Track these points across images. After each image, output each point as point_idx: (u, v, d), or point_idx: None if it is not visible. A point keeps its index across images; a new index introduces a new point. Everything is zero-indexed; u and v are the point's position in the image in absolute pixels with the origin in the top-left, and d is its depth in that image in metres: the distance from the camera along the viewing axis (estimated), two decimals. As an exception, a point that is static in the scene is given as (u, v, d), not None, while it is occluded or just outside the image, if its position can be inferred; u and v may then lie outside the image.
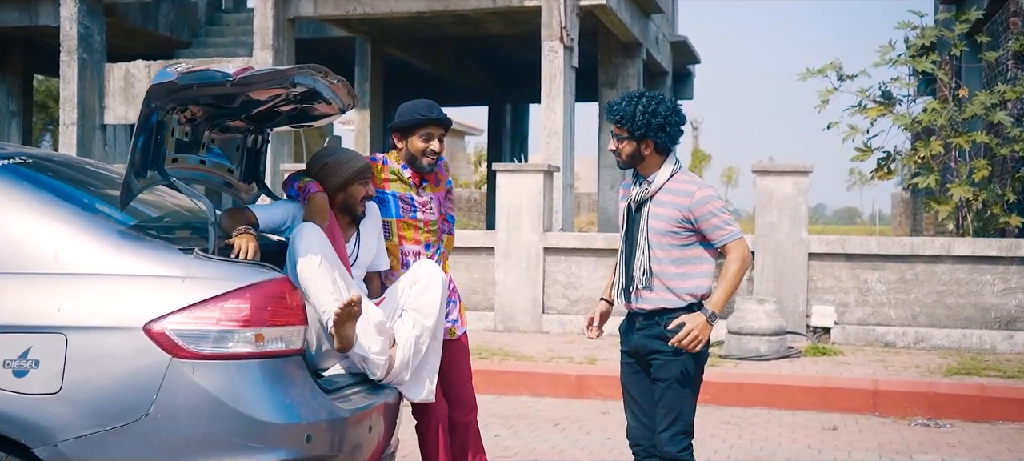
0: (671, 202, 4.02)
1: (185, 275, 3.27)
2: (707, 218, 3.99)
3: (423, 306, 4.03)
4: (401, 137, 4.43)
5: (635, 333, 4.16)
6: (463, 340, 4.63)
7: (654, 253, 4.04)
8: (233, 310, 3.25)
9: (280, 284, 3.37)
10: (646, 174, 4.11)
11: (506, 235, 10.66)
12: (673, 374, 4.05)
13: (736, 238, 4.02)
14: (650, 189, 4.07)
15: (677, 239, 4.02)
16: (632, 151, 4.07)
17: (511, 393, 8.20)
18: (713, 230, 4.00)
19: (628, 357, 4.25)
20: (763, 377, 8.04)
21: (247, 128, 4.39)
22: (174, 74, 3.42)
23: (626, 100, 4.09)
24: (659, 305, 4.06)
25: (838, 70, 11.67)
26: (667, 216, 4.02)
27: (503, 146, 23.98)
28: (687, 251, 4.04)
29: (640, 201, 4.10)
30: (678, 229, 4.01)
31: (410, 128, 4.40)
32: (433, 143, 4.41)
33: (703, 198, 4.00)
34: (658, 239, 4.04)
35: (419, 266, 4.12)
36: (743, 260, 3.99)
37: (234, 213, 3.92)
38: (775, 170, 9.95)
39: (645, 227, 4.06)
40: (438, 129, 4.43)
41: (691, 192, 4.00)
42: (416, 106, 4.42)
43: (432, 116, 4.39)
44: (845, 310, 9.77)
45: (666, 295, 4.05)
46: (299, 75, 3.71)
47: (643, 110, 4.02)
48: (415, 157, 4.41)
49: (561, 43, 12.67)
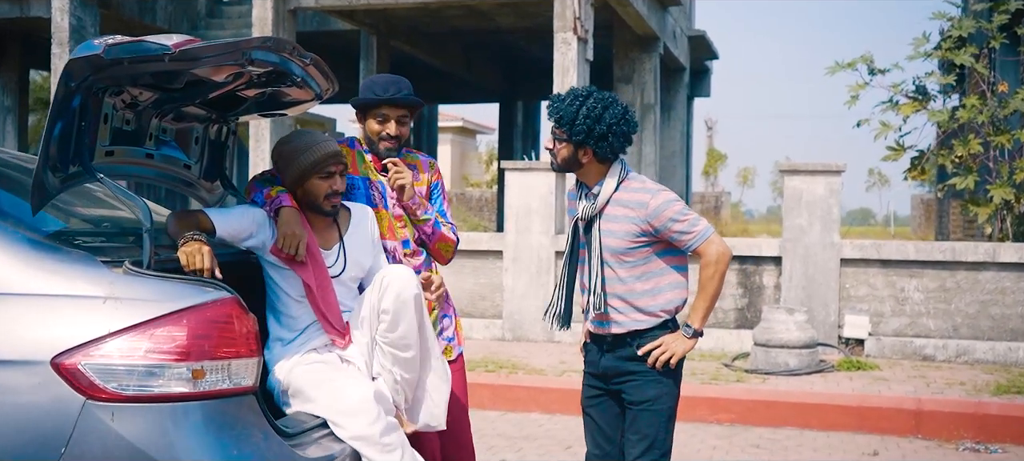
0: (624, 215, 3.60)
1: (106, 296, 2.62)
2: (668, 226, 3.57)
3: (394, 340, 3.38)
4: (360, 117, 3.88)
5: (603, 355, 3.75)
6: (459, 363, 3.98)
7: (615, 273, 3.63)
8: (165, 339, 2.60)
9: (226, 306, 2.71)
10: (589, 184, 3.68)
11: (515, 238, 10.01)
12: (648, 396, 3.65)
13: (706, 238, 3.59)
14: (597, 203, 3.58)
15: (639, 255, 3.62)
16: (569, 156, 3.64)
17: (519, 409, 7.59)
18: (679, 236, 3.59)
19: (594, 379, 3.82)
20: (794, 394, 7.39)
21: (207, 116, 3.74)
22: (100, 46, 2.77)
23: (570, 97, 3.60)
24: (630, 328, 3.66)
25: (869, 64, 11.02)
26: (623, 232, 3.61)
27: (514, 144, 23.34)
28: (652, 264, 3.63)
29: (589, 218, 3.62)
30: (636, 243, 3.60)
31: (365, 108, 3.82)
32: (389, 126, 3.81)
33: (659, 206, 3.57)
34: (617, 258, 3.62)
35: (383, 275, 3.44)
36: (719, 260, 3.60)
37: (183, 217, 3.28)
38: (805, 170, 9.30)
39: (598, 247, 3.63)
40: (395, 111, 3.80)
41: (644, 202, 3.57)
42: (372, 83, 3.83)
43: (385, 96, 3.77)
44: (880, 320, 9.08)
45: (636, 316, 3.65)
46: (259, 50, 3.06)
47: (586, 113, 3.54)
48: (372, 141, 3.84)
49: (575, 34, 12.00)
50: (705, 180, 52.78)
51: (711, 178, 54.18)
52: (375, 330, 3.42)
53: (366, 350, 3.43)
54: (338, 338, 3.42)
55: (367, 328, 3.43)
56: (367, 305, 3.43)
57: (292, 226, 3.39)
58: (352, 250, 3.58)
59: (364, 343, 3.43)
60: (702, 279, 3.61)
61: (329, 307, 3.41)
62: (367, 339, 3.43)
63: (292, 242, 3.36)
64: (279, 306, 3.50)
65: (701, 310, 3.62)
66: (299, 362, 3.36)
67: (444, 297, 3.95)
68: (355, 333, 3.45)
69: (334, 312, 3.42)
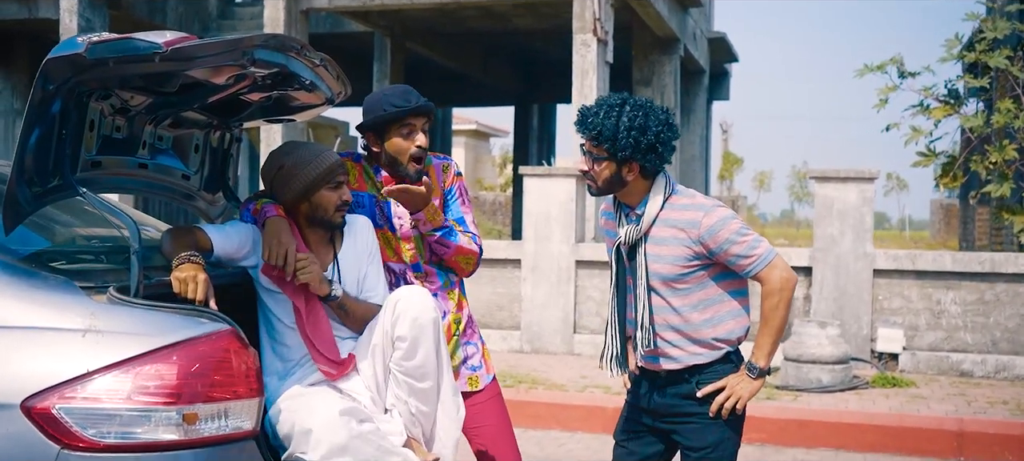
0: (674, 237, 3.18)
1: (86, 328, 2.30)
2: (726, 247, 3.15)
3: (412, 370, 3.05)
4: (376, 139, 3.44)
5: (656, 392, 3.34)
6: (490, 391, 3.61)
7: (667, 302, 3.23)
8: (152, 378, 2.28)
9: (223, 340, 2.39)
10: (631, 203, 3.25)
11: (534, 246, 9.67)
12: (709, 442, 3.26)
13: (768, 262, 3.17)
14: (642, 225, 3.16)
15: (692, 280, 3.20)
16: (611, 176, 3.19)
17: (539, 426, 7.26)
18: (737, 260, 3.16)
19: (639, 413, 3.41)
20: (829, 413, 7.04)
21: (208, 122, 3.42)
22: (83, 44, 2.45)
23: (604, 108, 3.15)
24: (687, 363, 3.26)
25: (899, 66, 10.64)
26: (673, 256, 3.19)
27: (529, 148, 23.03)
28: (709, 290, 3.23)
29: (633, 243, 3.20)
30: (689, 268, 3.19)
31: (386, 125, 3.39)
32: (418, 138, 3.41)
33: (714, 225, 3.15)
34: (668, 286, 3.22)
35: (396, 299, 3.10)
36: (784, 287, 3.18)
37: (180, 234, 2.96)
38: (837, 177, 8.94)
39: (645, 275, 3.21)
40: (420, 120, 3.42)
41: (696, 221, 3.16)
42: (387, 95, 3.41)
43: (411, 105, 3.37)
44: (915, 334, 8.71)
45: (694, 349, 3.25)
46: (262, 49, 2.73)
47: (628, 124, 3.09)
48: (398, 162, 3.41)
49: (594, 35, 11.66)
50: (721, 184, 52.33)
51: (727, 182, 53.75)
52: (389, 358, 3.10)
53: (375, 382, 3.10)
54: (329, 369, 3.08)
55: (380, 357, 3.10)
56: (379, 331, 3.10)
57: (278, 235, 3.06)
58: (348, 269, 3.25)
59: (371, 374, 3.10)
60: (765, 310, 3.20)
61: (319, 334, 3.08)
62: (377, 369, 3.10)
63: (278, 251, 3.03)
64: (274, 334, 3.17)
65: (767, 345, 3.20)
66: (287, 398, 3.03)
67: (467, 322, 3.60)
68: (363, 363, 3.12)
69: (325, 339, 3.09)
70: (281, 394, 3.11)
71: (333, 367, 3.06)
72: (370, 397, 3.11)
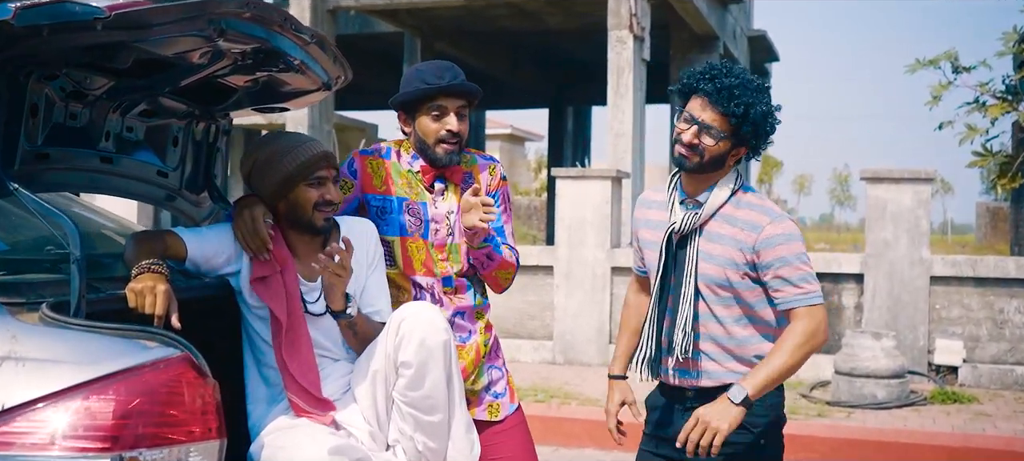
0: (731, 237, 2.77)
1: (4, 354, 1.86)
2: (777, 266, 2.72)
3: (418, 401, 2.59)
4: (407, 118, 3.02)
5: (684, 414, 2.84)
6: (513, 420, 3.14)
7: (710, 310, 2.80)
8: (84, 418, 1.84)
9: (174, 368, 1.94)
10: (695, 191, 2.84)
11: (567, 251, 9.19)
12: None
13: (815, 303, 2.73)
14: (702, 213, 2.78)
15: (739, 292, 2.78)
16: (720, 154, 2.76)
17: (572, 444, 6.81)
18: (782, 285, 2.73)
19: (661, 445, 2.95)
20: (886, 432, 6.52)
21: (189, 111, 2.99)
22: (11, 9, 2.01)
23: (743, 82, 2.69)
24: (723, 380, 2.80)
25: (953, 60, 10.08)
26: (724, 258, 2.77)
27: (564, 151, 22.59)
28: (758, 309, 2.81)
29: (686, 233, 2.75)
30: (740, 277, 2.77)
31: (415, 103, 2.98)
32: (448, 120, 2.97)
33: (775, 236, 2.73)
34: (713, 291, 2.79)
35: (401, 318, 2.65)
36: (816, 335, 2.70)
37: (146, 239, 2.53)
38: (890, 177, 8.40)
39: (693, 273, 2.78)
40: (454, 102, 2.97)
41: (759, 224, 2.74)
42: (419, 72, 2.99)
43: (442, 83, 2.94)
44: (975, 345, 8.13)
45: (733, 365, 2.81)
46: (233, 18, 2.28)
47: (767, 109, 2.72)
48: (425, 144, 2.98)
49: (630, 32, 11.17)
50: (760, 187, 51.64)
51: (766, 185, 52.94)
52: (392, 386, 2.64)
53: (375, 413, 2.65)
54: (302, 405, 2.63)
55: (381, 384, 2.65)
56: (380, 354, 2.65)
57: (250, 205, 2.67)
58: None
59: (370, 404, 2.65)
60: (787, 345, 2.69)
61: (298, 358, 2.63)
62: (378, 398, 2.64)
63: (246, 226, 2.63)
64: (259, 355, 2.74)
65: (766, 379, 2.67)
66: (272, 431, 2.59)
67: (494, 344, 3.14)
68: (361, 390, 2.66)
69: (304, 365, 2.64)
70: (266, 425, 2.68)
71: (308, 403, 2.61)
72: (368, 431, 2.66)
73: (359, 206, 3.04)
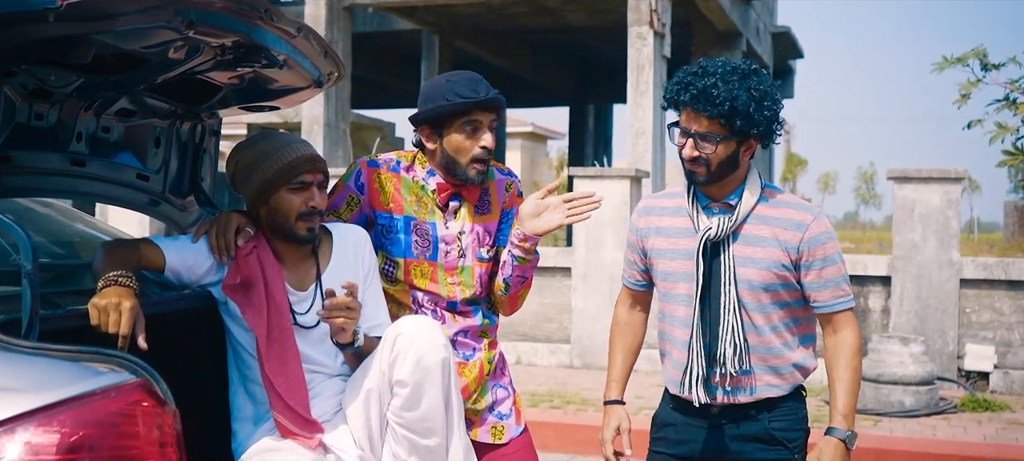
0: (772, 237, 2.63)
1: (-61, 381, 1.68)
2: (822, 266, 2.61)
3: (414, 422, 2.40)
4: (433, 133, 2.79)
5: (710, 432, 2.71)
6: (518, 443, 2.94)
7: (749, 318, 2.65)
8: (25, 452, 1.65)
9: (128, 395, 1.75)
10: (718, 195, 2.67)
11: (585, 253, 9.00)
12: None
13: (852, 306, 2.70)
14: (736, 217, 2.63)
15: (782, 294, 2.64)
16: (729, 156, 2.60)
17: (589, 453, 6.61)
18: (825, 287, 2.62)
19: None
20: (914, 442, 6.30)
21: (172, 110, 2.81)
22: (-47, 0, 1.83)
23: (721, 76, 2.52)
24: (761, 395, 2.67)
25: (982, 58, 9.81)
26: (768, 260, 2.62)
27: (585, 150, 22.40)
28: (797, 311, 2.68)
29: (718, 240, 2.65)
30: (784, 278, 2.62)
31: (447, 118, 2.75)
32: (484, 137, 2.76)
33: (820, 235, 2.62)
34: (754, 297, 2.63)
35: (396, 333, 2.46)
36: (859, 341, 2.68)
37: (117, 250, 2.35)
38: (918, 176, 8.15)
39: (732, 279, 2.61)
40: (487, 116, 2.76)
41: (804, 223, 2.62)
42: (452, 83, 2.76)
43: (479, 96, 2.72)
44: (1007, 351, 7.88)
45: (770, 378, 2.67)
46: (200, 8, 2.09)
47: (760, 93, 2.55)
48: (456, 163, 2.76)
49: (651, 28, 10.96)
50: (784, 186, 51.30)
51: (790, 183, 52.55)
52: (386, 406, 2.45)
53: (367, 435, 2.46)
54: (289, 426, 2.44)
55: (375, 404, 2.46)
56: (375, 372, 2.46)
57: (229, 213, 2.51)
58: (331, 286, 2.58)
59: (362, 425, 2.46)
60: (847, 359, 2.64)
61: (286, 375, 2.44)
62: (371, 419, 2.46)
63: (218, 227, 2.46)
64: (244, 370, 2.56)
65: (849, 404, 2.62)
66: (256, 453, 2.41)
67: (499, 362, 2.95)
68: (353, 410, 2.48)
69: (292, 383, 2.45)
70: (250, 446, 2.50)
71: (295, 423, 2.42)
72: (359, 455, 2.47)
73: (367, 222, 2.84)
